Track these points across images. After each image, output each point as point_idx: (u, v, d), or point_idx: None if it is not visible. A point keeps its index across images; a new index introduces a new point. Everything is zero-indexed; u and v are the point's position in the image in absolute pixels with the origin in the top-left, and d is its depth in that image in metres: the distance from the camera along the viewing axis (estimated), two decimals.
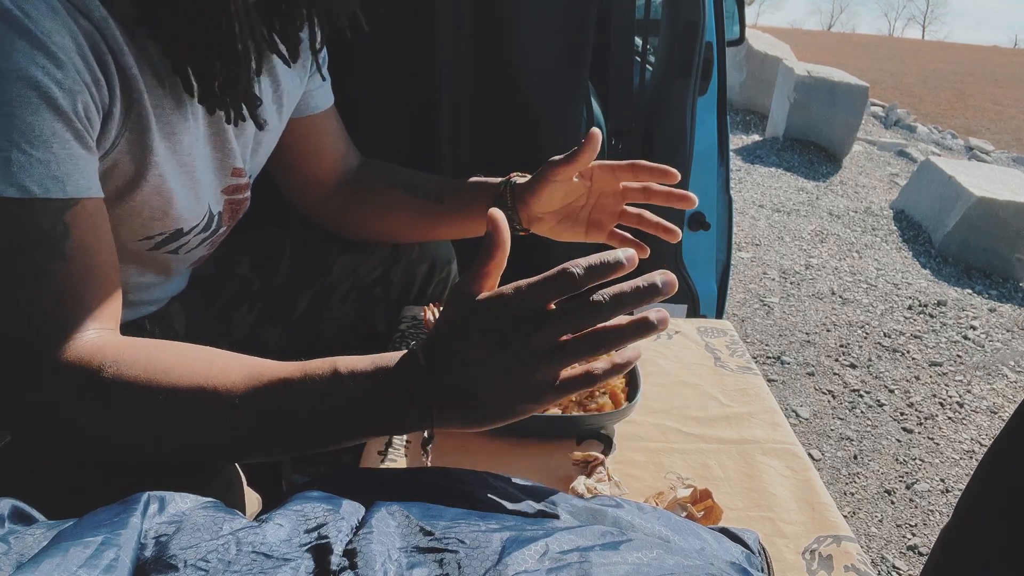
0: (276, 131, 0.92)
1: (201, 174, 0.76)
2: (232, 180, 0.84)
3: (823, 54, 13.44)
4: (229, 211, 0.87)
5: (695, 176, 1.54)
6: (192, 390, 0.56)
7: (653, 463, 0.80)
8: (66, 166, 0.57)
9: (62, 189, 0.56)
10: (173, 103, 0.70)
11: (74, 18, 0.58)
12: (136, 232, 0.75)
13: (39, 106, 0.55)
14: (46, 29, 0.55)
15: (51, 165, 0.56)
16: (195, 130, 0.74)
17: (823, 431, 2.23)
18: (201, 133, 0.76)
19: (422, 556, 0.43)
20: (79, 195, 0.58)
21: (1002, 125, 9.14)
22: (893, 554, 1.76)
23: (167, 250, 0.80)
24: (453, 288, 0.57)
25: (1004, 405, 2.48)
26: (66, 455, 0.59)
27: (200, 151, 0.76)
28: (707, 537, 0.55)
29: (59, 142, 0.56)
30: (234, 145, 0.81)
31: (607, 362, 0.55)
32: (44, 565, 0.37)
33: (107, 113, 0.62)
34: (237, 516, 0.45)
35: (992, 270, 3.73)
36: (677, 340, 1.06)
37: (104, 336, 0.59)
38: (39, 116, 0.55)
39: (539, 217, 0.94)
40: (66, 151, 0.57)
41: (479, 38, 1.31)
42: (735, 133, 6.31)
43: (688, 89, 1.48)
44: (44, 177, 0.55)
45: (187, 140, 0.72)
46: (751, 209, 4.42)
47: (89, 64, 0.59)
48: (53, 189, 0.56)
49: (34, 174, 0.55)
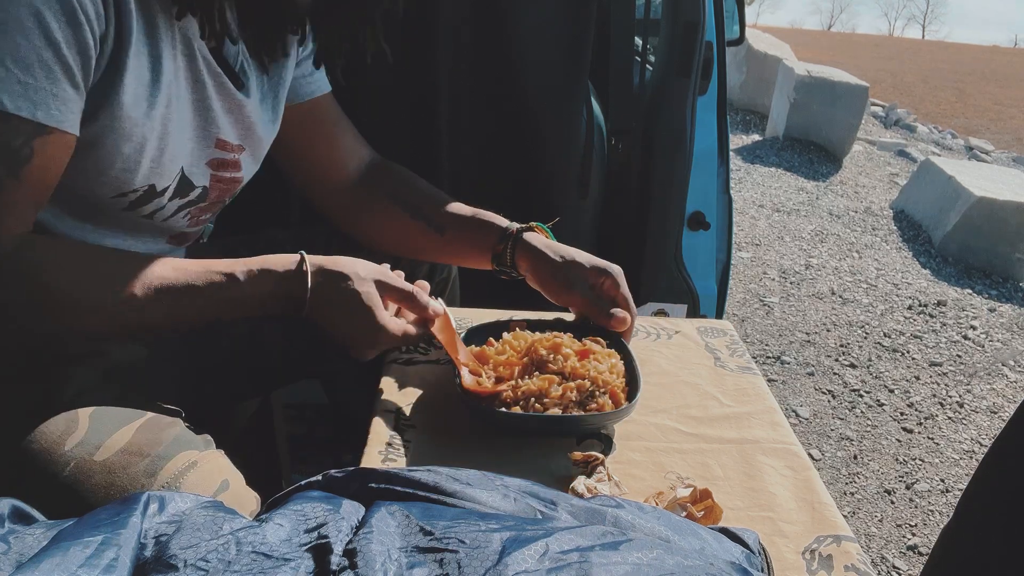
0: (274, 120, 0.92)
1: (177, 132, 0.78)
2: (217, 153, 0.85)
3: (823, 54, 13.44)
4: (217, 188, 0.87)
5: (695, 176, 1.54)
6: (114, 269, 0.70)
7: (653, 463, 0.80)
8: (43, 94, 0.60)
9: (32, 112, 0.60)
10: (157, 53, 0.72)
11: None
12: (111, 185, 0.75)
13: (32, 31, 0.58)
14: None
15: (29, 88, 0.59)
16: (175, 88, 0.76)
17: (823, 431, 2.23)
18: (184, 96, 0.77)
19: (422, 556, 0.43)
20: (51, 123, 0.62)
21: (1002, 125, 9.15)
22: (893, 554, 1.76)
23: (143, 213, 0.81)
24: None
25: (1004, 405, 2.48)
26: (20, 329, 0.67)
27: (179, 111, 0.77)
28: (707, 537, 0.55)
29: (44, 70, 0.60)
30: (218, 114, 0.82)
31: None
32: (44, 565, 0.37)
33: (101, 43, 0.65)
34: (237, 516, 0.45)
35: (992, 270, 3.73)
36: (677, 340, 1.06)
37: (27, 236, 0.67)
38: (29, 40, 0.58)
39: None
40: (49, 80, 0.60)
41: (479, 38, 1.31)
42: (735, 133, 6.31)
43: (688, 89, 1.48)
44: (19, 96, 0.59)
45: (165, 95, 0.74)
46: (751, 209, 4.42)
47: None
48: (24, 109, 0.59)
49: (11, 91, 0.58)
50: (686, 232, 1.58)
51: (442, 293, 1.14)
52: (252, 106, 0.87)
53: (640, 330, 1.08)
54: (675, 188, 1.51)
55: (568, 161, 1.43)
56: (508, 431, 0.81)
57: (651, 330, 1.08)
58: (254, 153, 0.92)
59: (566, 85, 1.37)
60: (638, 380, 0.83)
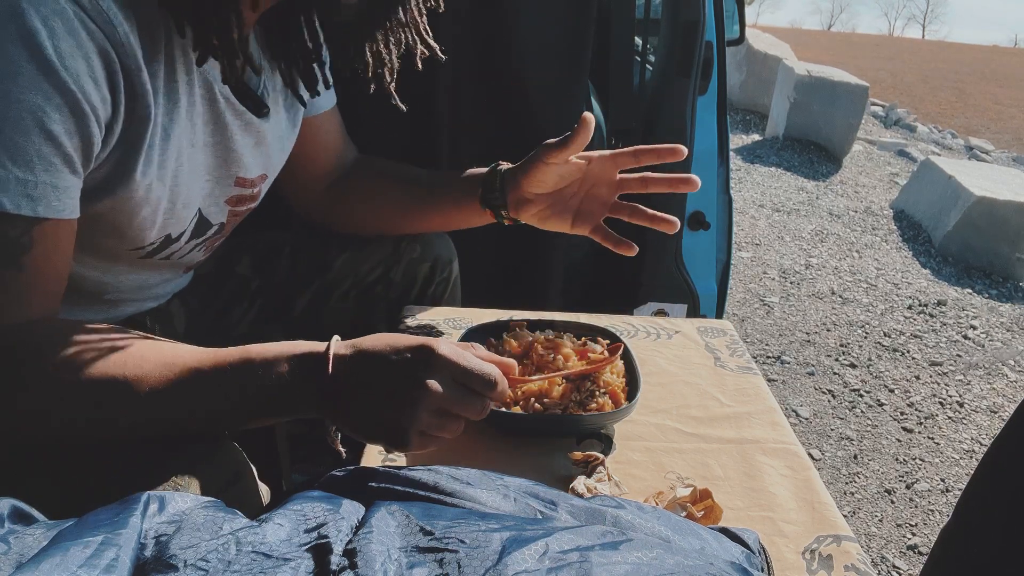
0: (292, 136, 0.92)
1: (189, 180, 0.77)
2: (236, 190, 0.84)
3: (823, 54, 13.42)
4: (233, 221, 0.88)
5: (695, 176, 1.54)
6: (105, 378, 0.61)
7: (653, 463, 0.80)
8: (43, 188, 0.59)
9: (33, 208, 0.59)
10: (174, 111, 0.71)
11: (94, 38, 0.60)
12: (128, 242, 0.76)
13: (31, 129, 0.57)
14: (61, 51, 0.57)
15: (29, 185, 0.58)
16: (191, 136, 0.74)
17: (823, 431, 2.23)
18: (200, 141, 0.76)
19: (422, 556, 0.43)
20: (50, 216, 0.61)
21: (1002, 125, 9.14)
22: (893, 554, 1.76)
23: (160, 257, 0.81)
24: (421, 337, 0.65)
25: (1004, 405, 2.48)
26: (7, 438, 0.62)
27: (193, 158, 0.76)
28: (707, 537, 0.55)
29: (43, 165, 0.59)
30: (240, 154, 0.82)
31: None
32: (44, 565, 0.37)
33: (108, 129, 0.64)
34: (237, 516, 0.45)
35: (992, 270, 3.73)
36: (677, 340, 1.06)
37: (31, 324, 0.63)
38: (29, 138, 0.57)
39: (528, 200, 0.94)
40: (48, 174, 0.59)
41: (479, 38, 1.31)
42: (735, 133, 6.31)
43: (688, 89, 1.48)
44: (19, 195, 0.58)
45: (175, 148, 0.73)
46: (751, 209, 4.42)
47: (99, 86, 0.61)
48: (25, 207, 0.59)
49: (10, 191, 0.57)
50: (686, 232, 1.58)
51: (442, 293, 1.14)
52: (275, 126, 0.87)
53: (640, 330, 1.08)
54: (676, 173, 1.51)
55: None
56: (508, 431, 0.81)
57: (651, 330, 1.08)
58: (274, 174, 0.92)
59: (566, 85, 1.37)
60: (638, 380, 0.83)
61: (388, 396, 0.62)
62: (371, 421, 0.63)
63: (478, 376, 0.63)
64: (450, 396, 0.62)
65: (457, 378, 0.63)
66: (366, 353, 0.64)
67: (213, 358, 0.64)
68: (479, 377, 0.63)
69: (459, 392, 0.63)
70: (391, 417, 0.62)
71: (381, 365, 0.63)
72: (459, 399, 0.63)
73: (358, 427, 0.64)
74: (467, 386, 0.64)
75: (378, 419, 0.63)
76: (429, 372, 0.62)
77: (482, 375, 0.64)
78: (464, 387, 0.64)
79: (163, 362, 0.63)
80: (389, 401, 0.62)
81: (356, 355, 0.64)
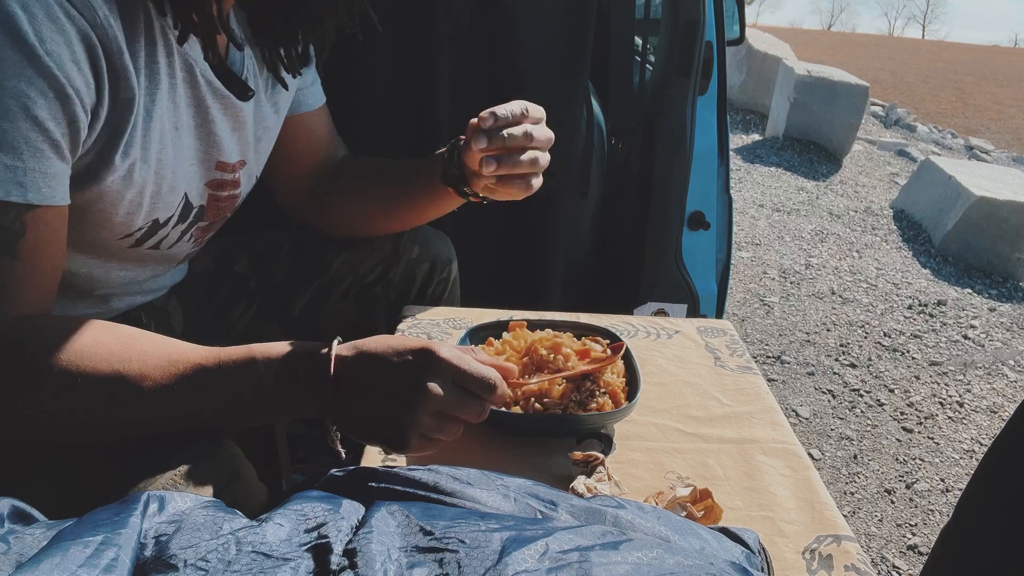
0: (275, 127, 0.92)
1: (174, 163, 0.77)
2: (216, 174, 0.84)
3: (823, 54, 13.43)
4: (213, 206, 0.87)
5: (695, 176, 1.54)
6: (109, 375, 0.60)
7: (653, 463, 0.80)
8: (33, 175, 0.59)
9: (23, 195, 0.59)
10: (155, 92, 0.71)
11: (75, 22, 0.59)
12: (116, 230, 0.75)
13: (17, 115, 0.57)
14: (42, 36, 0.57)
15: (18, 172, 0.58)
16: (173, 119, 0.74)
17: (823, 431, 2.23)
18: (184, 124, 0.76)
19: (422, 556, 0.43)
20: (40, 202, 0.60)
21: (1002, 125, 9.14)
22: (893, 554, 1.76)
23: (149, 246, 0.81)
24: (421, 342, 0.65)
25: (1004, 405, 2.48)
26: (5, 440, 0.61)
27: (178, 142, 0.76)
28: (707, 537, 0.55)
29: (31, 151, 0.59)
30: (220, 137, 0.82)
31: None
32: (44, 565, 0.37)
33: (94, 115, 0.64)
34: (237, 516, 0.45)
35: (992, 269, 3.73)
36: (677, 340, 1.06)
37: (32, 319, 0.62)
38: (15, 125, 0.57)
39: (477, 171, 0.90)
40: (36, 160, 0.59)
41: (479, 38, 1.31)
42: (735, 133, 6.31)
43: (688, 88, 1.48)
44: (8, 182, 0.58)
45: (157, 129, 0.73)
46: (751, 209, 4.42)
47: (82, 70, 0.61)
48: (14, 193, 0.58)
49: (1, 179, 0.57)
50: (686, 232, 1.58)
51: (442, 294, 1.14)
52: (256, 110, 0.87)
53: (640, 330, 1.08)
54: (675, 188, 1.51)
55: (568, 160, 1.43)
56: (508, 431, 0.81)
57: (651, 330, 1.08)
58: (257, 158, 0.91)
59: (566, 85, 1.37)
60: (638, 380, 0.83)
61: (388, 398, 0.63)
62: (371, 422, 0.64)
63: (478, 380, 0.64)
64: (450, 399, 0.63)
65: (457, 381, 0.63)
66: (367, 355, 0.65)
67: (216, 356, 0.64)
68: (479, 381, 0.64)
69: (459, 395, 0.64)
70: (391, 419, 0.62)
71: (382, 367, 0.64)
72: (459, 402, 0.63)
73: (358, 428, 0.65)
74: (467, 389, 0.64)
75: (378, 421, 0.63)
76: (429, 375, 0.62)
77: (482, 379, 0.64)
78: (464, 390, 0.64)
79: (167, 359, 0.63)
80: (389, 403, 0.63)
81: (357, 357, 0.65)
